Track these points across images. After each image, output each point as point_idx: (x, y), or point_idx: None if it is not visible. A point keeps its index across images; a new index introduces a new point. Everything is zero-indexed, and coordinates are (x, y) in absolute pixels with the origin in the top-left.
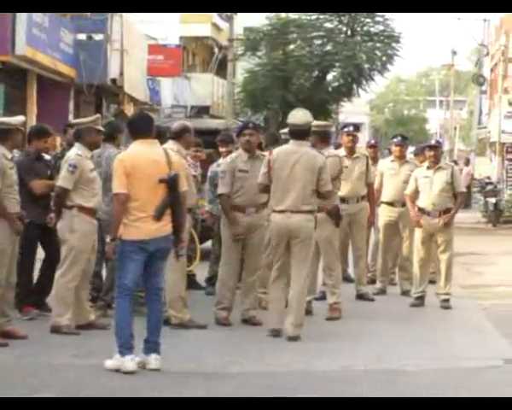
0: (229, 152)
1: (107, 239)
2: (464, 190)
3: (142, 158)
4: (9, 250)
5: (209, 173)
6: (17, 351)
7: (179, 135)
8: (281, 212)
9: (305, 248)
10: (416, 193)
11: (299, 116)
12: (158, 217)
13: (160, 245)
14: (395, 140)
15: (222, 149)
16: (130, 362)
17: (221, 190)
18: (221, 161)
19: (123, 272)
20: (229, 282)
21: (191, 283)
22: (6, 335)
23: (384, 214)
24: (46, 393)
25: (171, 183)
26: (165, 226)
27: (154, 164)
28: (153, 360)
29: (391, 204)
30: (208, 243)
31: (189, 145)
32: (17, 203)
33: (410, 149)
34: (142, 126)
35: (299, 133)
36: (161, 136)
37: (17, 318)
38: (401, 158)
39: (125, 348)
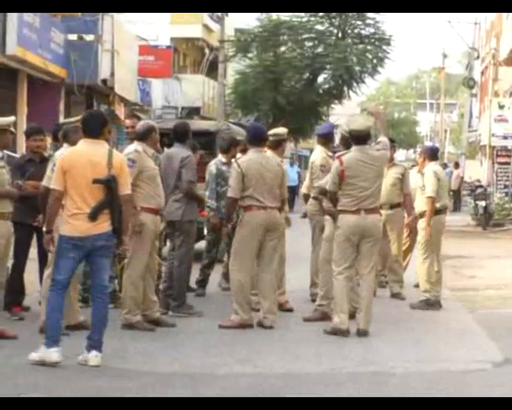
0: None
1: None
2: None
3: (81, 158)
4: (2, 250)
5: (215, 171)
6: (6, 351)
7: (145, 135)
8: (356, 213)
9: (376, 247)
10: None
11: (360, 122)
12: (92, 217)
13: (98, 242)
14: None
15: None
16: (54, 353)
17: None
18: (223, 159)
19: (57, 267)
20: (247, 286)
21: None
22: None
23: None
24: (35, 393)
25: (107, 184)
26: (101, 224)
27: (91, 164)
28: (93, 357)
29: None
30: (198, 245)
31: (155, 144)
32: (10, 203)
33: (401, 151)
34: (90, 126)
35: (361, 138)
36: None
37: (6, 318)
38: (389, 161)
39: (52, 340)
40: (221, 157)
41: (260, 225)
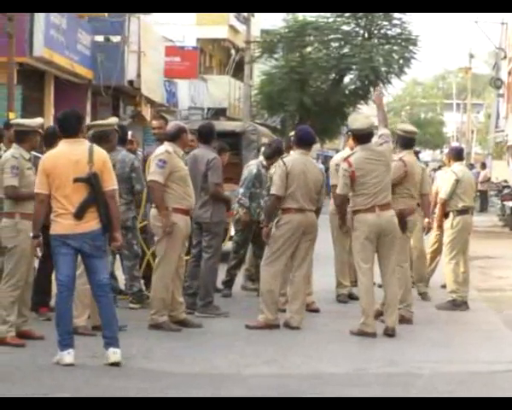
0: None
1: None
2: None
3: (62, 158)
4: (29, 251)
5: (255, 171)
6: (33, 351)
7: (176, 136)
8: (371, 210)
9: (394, 244)
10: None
11: (361, 122)
12: (78, 216)
13: (85, 242)
14: None
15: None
16: (66, 356)
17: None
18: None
19: (56, 267)
20: (276, 288)
21: None
22: (22, 335)
23: None
24: (61, 393)
25: (89, 182)
26: (86, 223)
27: (72, 163)
28: (111, 354)
29: None
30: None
31: (185, 145)
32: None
33: (427, 152)
34: (66, 125)
35: (365, 137)
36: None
37: (33, 318)
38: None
39: (62, 344)
40: (262, 160)
41: (298, 228)
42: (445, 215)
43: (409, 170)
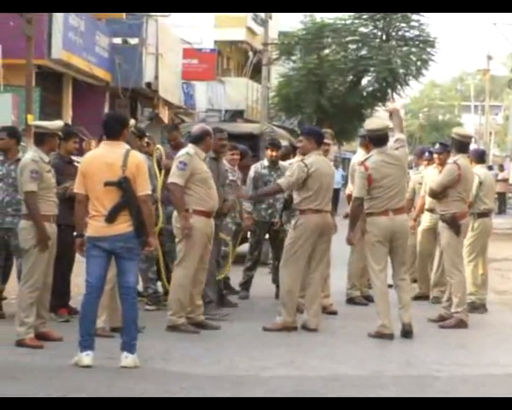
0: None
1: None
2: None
3: (96, 160)
4: (47, 252)
5: (252, 174)
6: (52, 353)
7: (200, 139)
8: (384, 213)
9: (406, 246)
10: None
11: (377, 122)
12: (109, 219)
13: (117, 244)
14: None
15: (272, 153)
16: (85, 357)
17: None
18: (266, 163)
19: (87, 269)
20: (296, 290)
21: (226, 286)
22: (41, 337)
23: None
24: (80, 394)
25: (119, 186)
26: (118, 225)
27: (105, 166)
28: (123, 358)
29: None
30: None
31: (208, 149)
32: (55, 205)
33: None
34: (108, 127)
35: (381, 139)
36: None
37: (52, 319)
38: (442, 166)
39: (82, 345)
40: (264, 160)
41: (315, 230)
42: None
43: (462, 174)
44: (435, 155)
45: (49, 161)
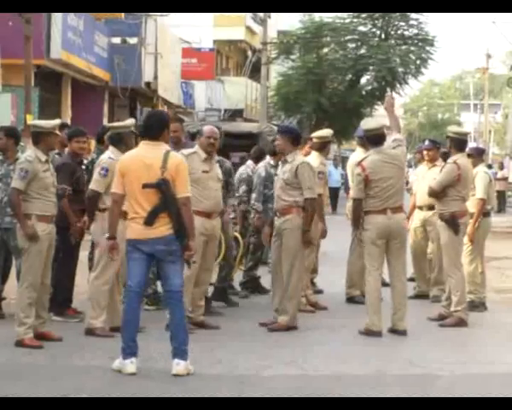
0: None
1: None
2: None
3: (135, 161)
4: (45, 252)
5: (263, 174)
6: (52, 353)
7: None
8: (382, 212)
9: (403, 246)
10: None
11: (373, 122)
12: (148, 222)
13: (157, 247)
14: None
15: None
16: (129, 365)
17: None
18: (271, 162)
19: (127, 271)
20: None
21: (256, 287)
22: (41, 337)
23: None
24: (80, 394)
25: (158, 188)
26: (159, 228)
27: (144, 168)
28: (174, 365)
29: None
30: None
31: (204, 148)
32: (54, 206)
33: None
34: (147, 127)
35: (378, 138)
36: None
37: (52, 320)
38: (431, 162)
39: (126, 352)
40: (269, 159)
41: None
42: (471, 216)
43: (462, 173)
44: (424, 152)
45: (46, 160)
